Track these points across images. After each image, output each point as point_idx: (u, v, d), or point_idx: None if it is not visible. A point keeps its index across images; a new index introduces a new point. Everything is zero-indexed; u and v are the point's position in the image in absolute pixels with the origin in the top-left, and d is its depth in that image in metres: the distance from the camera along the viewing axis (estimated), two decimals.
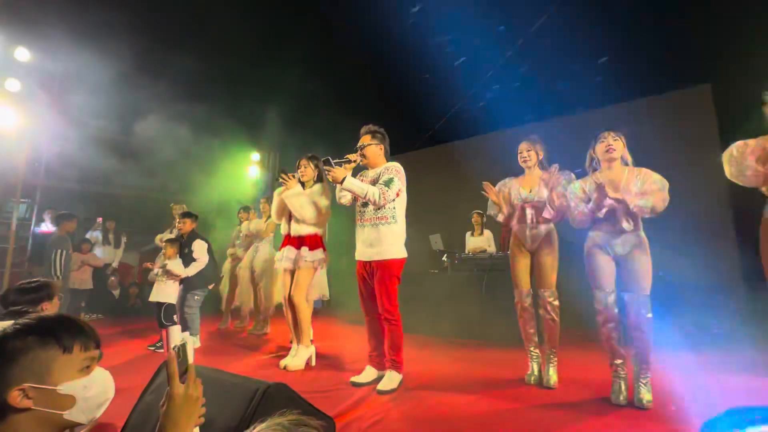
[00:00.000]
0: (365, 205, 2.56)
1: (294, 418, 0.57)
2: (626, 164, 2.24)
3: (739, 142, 1.85)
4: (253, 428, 0.57)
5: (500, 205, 2.60)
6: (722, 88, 4.31)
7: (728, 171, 1.88)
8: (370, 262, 2.54)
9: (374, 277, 2.53)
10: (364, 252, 2.57)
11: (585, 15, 4.24)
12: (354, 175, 2.63)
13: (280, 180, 3.00)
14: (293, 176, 3.02)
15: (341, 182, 2.41)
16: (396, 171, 2.53)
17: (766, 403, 1.86)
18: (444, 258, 4.63)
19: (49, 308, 1.69)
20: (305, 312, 2.99)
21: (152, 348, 3.67)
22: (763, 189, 1.83)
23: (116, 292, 6.26)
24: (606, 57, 4.37)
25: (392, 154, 2.78)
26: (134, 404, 1.40)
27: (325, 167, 2.45)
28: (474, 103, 5.44)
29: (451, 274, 4.44)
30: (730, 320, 3.83)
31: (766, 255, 1.83)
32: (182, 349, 0.82)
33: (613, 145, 2.19)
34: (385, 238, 2.48)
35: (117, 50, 4.74)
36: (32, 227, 5.90)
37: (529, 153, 2.55)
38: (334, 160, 2.47)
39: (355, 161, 2.58)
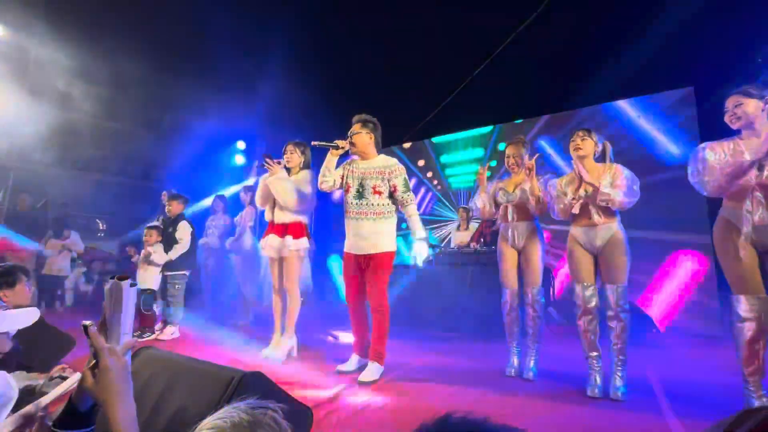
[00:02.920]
0: (360, 197, 2.55)
1: (255, 403, 0.56)
2: (604, 160, 2.29)
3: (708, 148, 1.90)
4: (212, 414, 0.55)
5: (482, 187, 2.66)
6: (704, 91, 4.40)
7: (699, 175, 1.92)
8: (366, 255, 2.54)
9: (368, 269, 2.54)
10: (358, 245, 2.56)
11: (571, 17, 4.27)
12: (340, 162, 2.64)
13: (265, 165, 2.94)
14: (278, 162, 2.98)
15: (423, 238, 2.51)
16: (402, 169, 2.59)
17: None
18: (430, 252, 4.64)
19: (11, 296, 1.59)
20: (296, 302, 2.98)
21: None
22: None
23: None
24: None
25: (381, 147, 2.75)
26: None
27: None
28: (460, 99, 5.44)
29: (437, 267, 4.46)
30: (705, 319, 3.96)
31: (721, 253, 1.88)
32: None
33: (580, 145, 2.26)
34: (383, 231, 2.53)
35: (95, 30, 4.55)
36: (5, 211, 5.68)
37: (515, 159, 2.60)
38: (322, 143, 2.49)
39: (343, 148, 2.55)
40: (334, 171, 2.62)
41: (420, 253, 2.53)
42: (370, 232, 2.51)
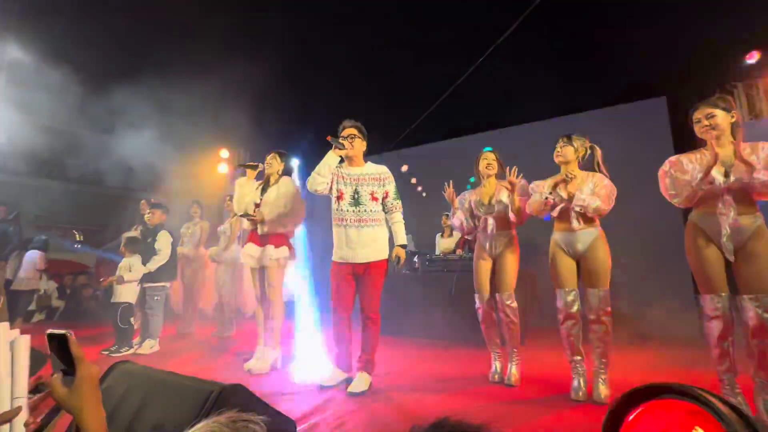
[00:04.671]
0: (357, 204, 2.49)
1: (234, 416, 0.54)
2: (593, 165, 2.35)
3: (673, 159, 2.00)
4: (190, 428, 0.54)
5: (453, 205, 2.72)
6: (676, 101, 4.59)
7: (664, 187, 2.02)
8: (364, 263, 2.48)
9: (365, 276, 2.49)
10: (356, 253, 2.47)
11: (549, 28, 4.41)
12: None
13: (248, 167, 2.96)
14: (255, 165, 3.05)
15: (404, 247, 2.52)
16: (392, 178, 2.61)
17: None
18: (415, 259, 4.66)
19: None
20: (280, 312, 2.93)
21: (106, 352, 3.47)
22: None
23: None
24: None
25: (366, 154, 2.75)
26: None
27: None
28: (442, 108, 5.54)
29: (422, 274, 4.46)
30: (683, 320, 4.07)
31: (690, 255, 1.96)
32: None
33: (560, 151, 2.33)
34: (380, 238, 2.52)
35: (72, 35, 4.45)
36: None
37: (495, 162, 2.67)
38: (336, 139, 2.46)
39: (345, 150, 2.48)
40: (330, 173, 2.51)
41: (401, 257, 2.51)
42: (370, 240, 2.48)
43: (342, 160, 2.61)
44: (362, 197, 2.50)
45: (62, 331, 0.72)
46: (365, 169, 2.58)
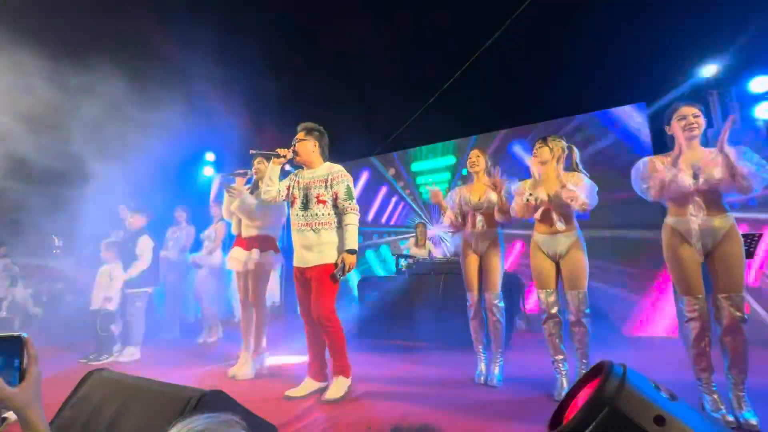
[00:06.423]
0: (305, 208, 2.43)
1: (212, 422, 0.55)
2: (571, 165, 2.40)
3: (646, 159, 2.07)
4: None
5: (443, 207, 2.71)
6: (656, 107, 4.72)
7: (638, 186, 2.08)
8: (310, 267, 2.39)
9: (311, 281, 2.40)
10: (304, 257, 2.42)
11: (533, 34, 4.50)
12: (286, 173, 2.56)
13: (228, 192, 2.91)
14: (244, 173, 2.94)
15: (353, 253, 2.34)
16: (346, 176, 2.45)
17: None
18: (402, 262, 4.66)
19: None
20: (264, 317, 2.89)
21: (84, 360, 3.38)
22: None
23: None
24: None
25: (353, 159, 2.74)
26: (51, 420, 1.26)
27: None
28: (433, 111, 5.58)
29: (409, 277, 4.47)
30: (664, 320, 4.16)
31: (667, 257, 2.01)
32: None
33: (536, 153, 2.38)
34: (326, 242, 2.39)
35: (59, 37, 4.35)
36: None
37: (478, 158, 2.70)
38: (261, 152, 2.44)
39: (284, 156, 2.44)
40: (278, 181, 2.48)
41: (346, 263, 2.31)
42: (314, 244, 2.37)
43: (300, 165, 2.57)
44: (310, 201, 2.42)
45: (15, 334, 0.76)
46: (316, 171, 2.48)
